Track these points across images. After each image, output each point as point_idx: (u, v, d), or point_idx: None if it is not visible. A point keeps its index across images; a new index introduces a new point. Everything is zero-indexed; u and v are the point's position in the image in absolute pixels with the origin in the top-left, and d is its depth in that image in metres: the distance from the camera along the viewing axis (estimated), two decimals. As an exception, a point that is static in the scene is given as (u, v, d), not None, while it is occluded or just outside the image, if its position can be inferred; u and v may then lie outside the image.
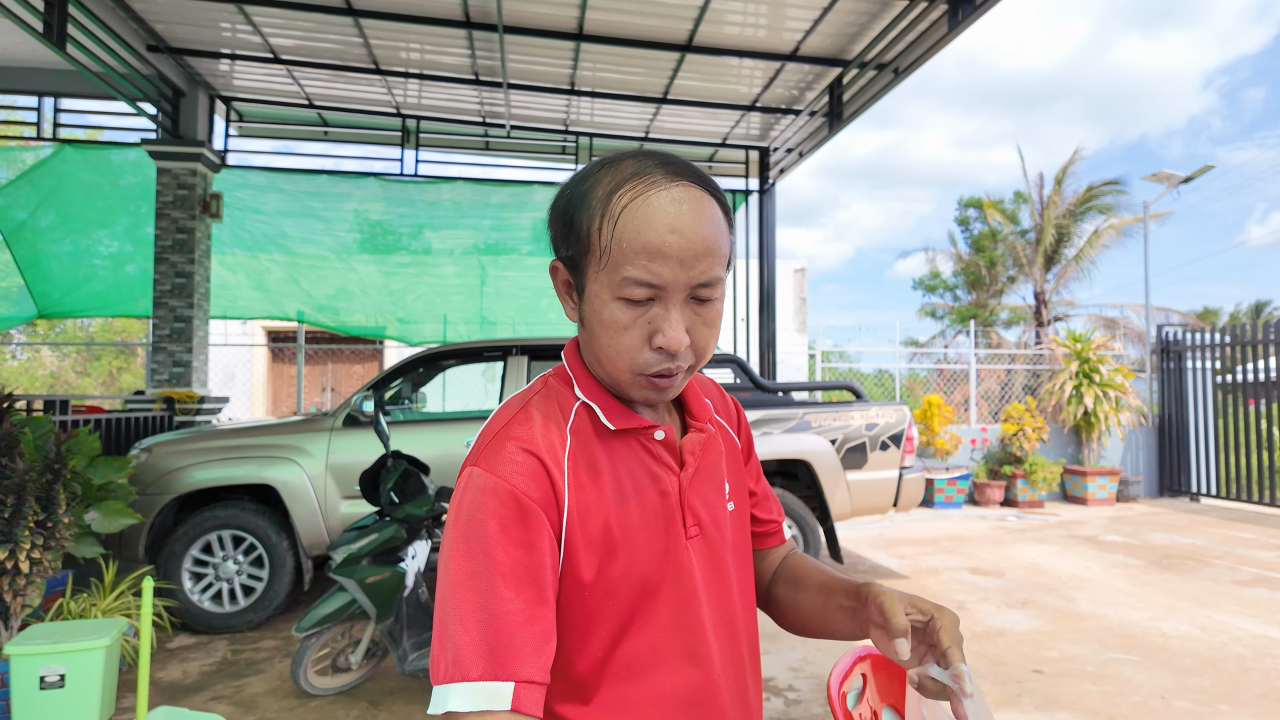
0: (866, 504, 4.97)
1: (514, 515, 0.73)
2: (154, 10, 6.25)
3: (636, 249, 0.74)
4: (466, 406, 10.07)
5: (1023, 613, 4.55)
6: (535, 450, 0.78)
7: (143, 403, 6.71)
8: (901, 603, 0.78)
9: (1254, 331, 8.58)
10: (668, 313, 0.76)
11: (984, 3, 4.95)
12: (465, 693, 0.68)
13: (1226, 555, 6.09)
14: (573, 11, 6.09)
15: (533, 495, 0.75)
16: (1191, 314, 21.59)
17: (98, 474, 3.81)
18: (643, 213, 0.74)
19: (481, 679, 0.68)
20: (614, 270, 0.75)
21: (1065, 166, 17.87)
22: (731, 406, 1.06)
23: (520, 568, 0.73)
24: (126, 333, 16.71)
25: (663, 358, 0.78)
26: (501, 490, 0.74)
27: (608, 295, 0.77)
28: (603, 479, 0.81)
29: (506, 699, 0.68)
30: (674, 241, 0.74)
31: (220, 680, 3.56)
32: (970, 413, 9.90)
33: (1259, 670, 3.60)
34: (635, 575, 0.81)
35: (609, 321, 0.77)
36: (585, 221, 0.77)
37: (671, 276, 0.75)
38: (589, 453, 0.82)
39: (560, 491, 0.77)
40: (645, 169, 0.77)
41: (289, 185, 8.62)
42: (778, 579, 1.04)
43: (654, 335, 0.77)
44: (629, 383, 0.81)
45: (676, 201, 0.75)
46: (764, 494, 1.06)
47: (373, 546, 3.22)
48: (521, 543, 0.73)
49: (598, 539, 0.79)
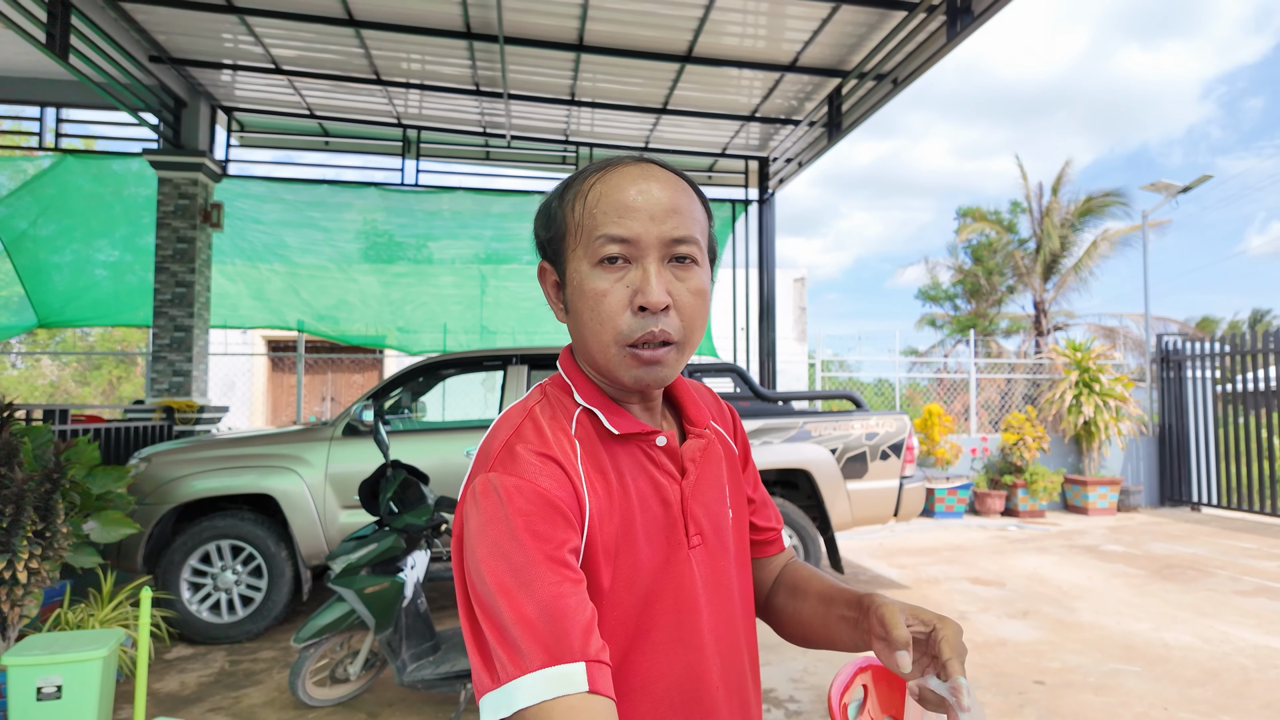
0: (867, 514, 4.96)
1: (541, 512, 0.71)
2: (156, 21, 6.28)
3: (606, 209, 0.78)
4: (466, 416, 10.06)
5: (1024, 623, 4.53)
6: (552, 455, 0.76)
7: (142, 412, 6.70)
8: (903, 614, 0.77)
9: (1254, 340, 8.59)
10: (645, 272, 0.78)
11: (982, 14, 4.98)
12: (533, 684, 0.63)
13: (1228, 565, 6.08)
14: (573, 23, 6.12)
15: (560, 496, 0.73)
16: (1189, 323, 21.61)
17: (96, 483, 3.81)
18: (611, 183, 0.79)
19: (547, 665, 0.64)
20: (588, 238, 0.79)
21: (1059, 177, 17.94)
22: (728, 413, 1.05)
23: (557, 555, 0.70)
24: (126, 342, 16.72)
25: (646, 320, 0.77)
26: (526, 489, 0.72)
27: (586, 266, 0.79)
28: (610, 485, 0.80)
29: (581, 680, 0.64)
30: (642, 200, 0.78)
31: (218, 691, 3.54)
32: (970, 422, 9.89)
33: (1262, 681, 3.58)
34: (637, 585, 0.79)
35: (590, 292, 0.78)
36: (561, 209, 0.83)
37: (642, 229, 0.77)
38: (596, 458, 0.81)
39: (582, 496, 0.76)
40: (615, 160, 0.83)
41: (290, 195, 8.64)
42: (778, 588, 1.03)
43: (634, 296, 0.77)
44: (618, 361, 0.79)
45: (643, 173, 0.80)
46: (762, 501, 1.05)
47: (372, 556, 3.20)
48: (551, 538, 0.70)
49: (611, 546, 0.77)
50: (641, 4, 5.83)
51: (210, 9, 5.94)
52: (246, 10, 5.96)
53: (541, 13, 5.98)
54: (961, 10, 5.12)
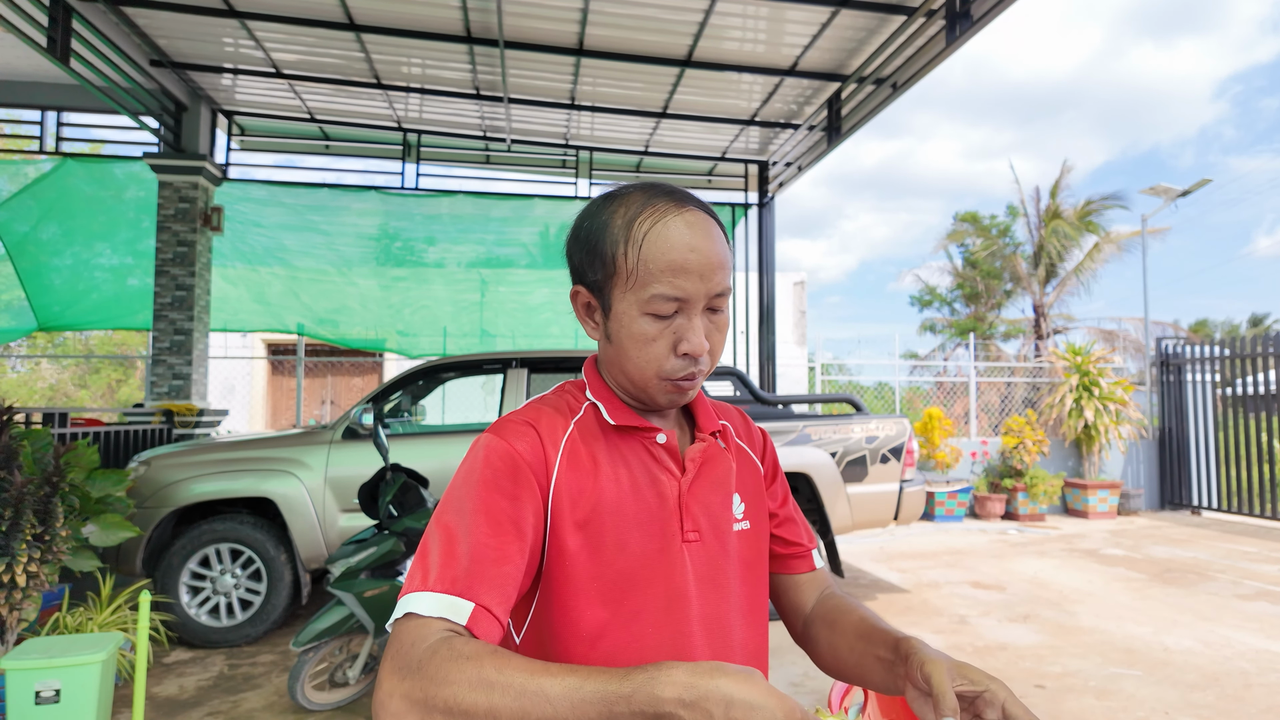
0: (867, 517, 4.95)
1: (506, 469, 0.83)
2: (157, 26, 6.30)
3: (662, 267, 0.84)
4: (466, 419, 10.06)
5: (1024, 627, 4.52)
6: (536, 426, 0.88)
7: (142, 415, 6.70)
8: (950, 673, 0.73)
9: (1253, 344, 8.59)
10: (690, 322, 0.86)
11: (982, 18, 4.99)
12: (431, 600, 0.73)
13: (1229, 569, 6.07)
14: (573, 27, 6.13)
15: (525, 456, 0.84)
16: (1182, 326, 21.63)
17: (96, 487, 3.80)
18: (664, 236, 0.84)
19: (447, 592, 0.74)
20: (642, 288, 0.85)
21: (1057, 181, 17.96)
22: (757, 433, 1.11)
23: (502, 514, 0.80)
24: (126, 345, 16.71)
25: (688, 363, 0.87)
26: (500, 447, 0.84)
27: (636, 311, 0.86)
28: (600, 468, 0.89)
29: (465, 614, 0.73)
30: (694, 259, 0.84)
31: (217, 695, 3.53)
32: (970, 425, 9.89)
33: (1263, 685, 3.57)
34: (624, 565, 0.86)
35: (639, 335, 0.87)
36: (609, 248, 0.87)
37: (694, 289, 0.85)
38: (590, 444, 0.90)
39: (551, 463, 0.86)
40: (653, 199, 0.87)
41: (290, 199, 8.65)
42: (815, 619, 1.02)
43: (679, 343, 0.86)
44: (656, 388, 0.89)
45: (690, 225, 0.85)
46: (787, 517, 1.08)
47: (371, 560, 3.20)
48: (508, 494, 0.81)
49: (585, 518, 0.85)
50: (642, 9, 5.84)
51: (211, 13, 5.95)
52: (247, 14, 5.97)
53: (542, 17, 5.99)
54: (961, 15, 5.13)
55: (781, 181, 8.76)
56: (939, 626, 4.52)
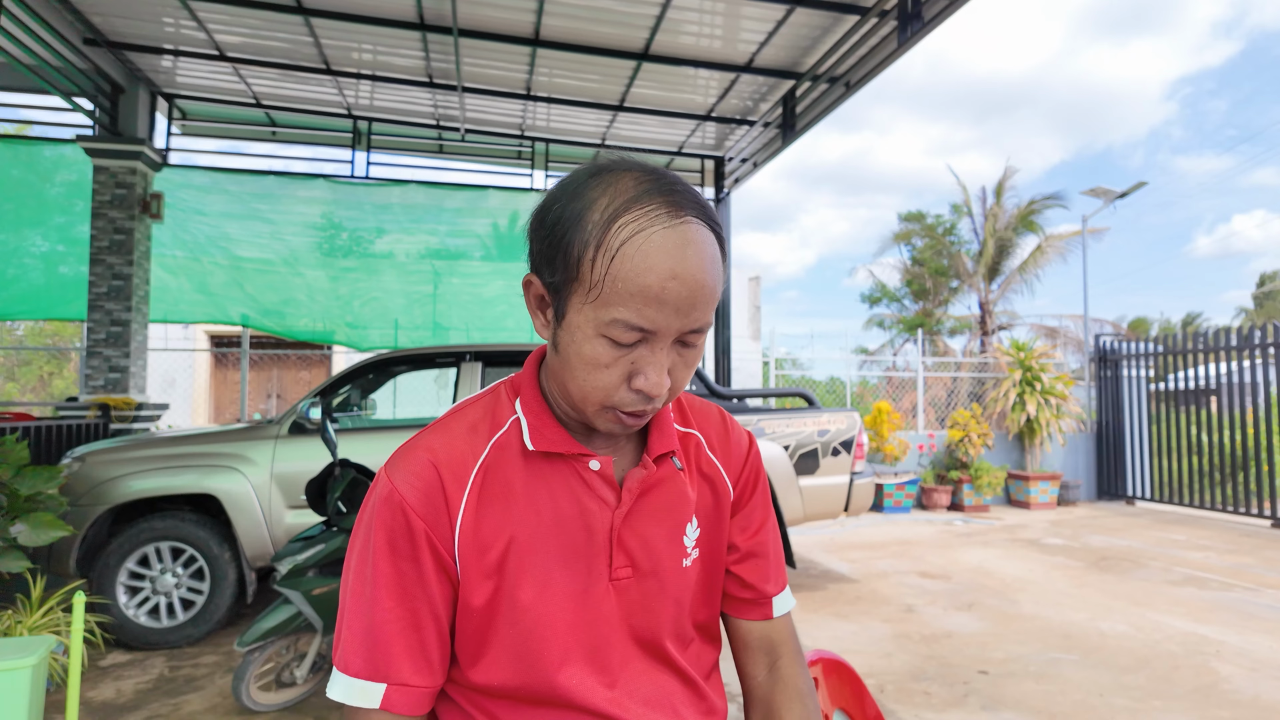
0: (819, 509, 5.03)
1: (401, 530, 0.75)
2: (92, 3, 6.02)
3: (632, 291, 0.68)
4: (418, 414, 9.90)
5: (969, 615, 4.65)
6: (437, 463, 0.77)
7: (76, 409, 6.43)
8: None
9: (1184, 341, 8.97)
10: (653, 355, 0.72)
11: (933, 19, 5.09)
12: (345, 686, 0.74)
13: (1160, 556, 6.34)
14: (529, 17, 6.07)
15: (420, 512, 0.75)
16: (1121, 323, 22.48)
17: (25, 484, 3.64)
18: (644, 252, 0.67)
19: (357, 676, 0.74)
20: (603, 307, 0.69)
21: (1001, 182, 18.46)
22: (738, 441, 0.96)
23: (404, 579, 0.75)
24: (58, 336, 16.02)
25: (640, 399, 0.74)
26: (394, 502, 0.75)
27: (591, 330, 0.71)
28: (515, 501, 0.78)
29: (376, 698, 0.73)
30: (673, 288, 0.68)
31: (157, 699, 3.42)
32: (918, 419, 10.12)
33: (1189, 667, 3.74)
34: (543, 610, 0.77)
35: (589, 357, 0.72)
36: (577, 248, 0.70)
37: (665, 323, 0.70)
38: (508, 470, 0.79)
39: (454, 509, 0.76)
40: (646, 195, 0.70)
41: (234, 186, 8.39)
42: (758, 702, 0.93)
43: (634, 376, 0.72)
44: (596, 416, 0.76)
45: (680, 244, 0.68)
46: (755, 552, 0.94)
47: (319, 557, 3.13)
48: (407, 556, 0.75)
49: (495, 564, 0.76)
50: (599, 0, 5.81)
51: (150, -9, 5.73)
52: (189, -6, 5.76)
53: (497, 5, 5.91)
54: (912, 16, 5.22)
55: (738, 177, 8.82)
56: (887, 615, 4.63)
